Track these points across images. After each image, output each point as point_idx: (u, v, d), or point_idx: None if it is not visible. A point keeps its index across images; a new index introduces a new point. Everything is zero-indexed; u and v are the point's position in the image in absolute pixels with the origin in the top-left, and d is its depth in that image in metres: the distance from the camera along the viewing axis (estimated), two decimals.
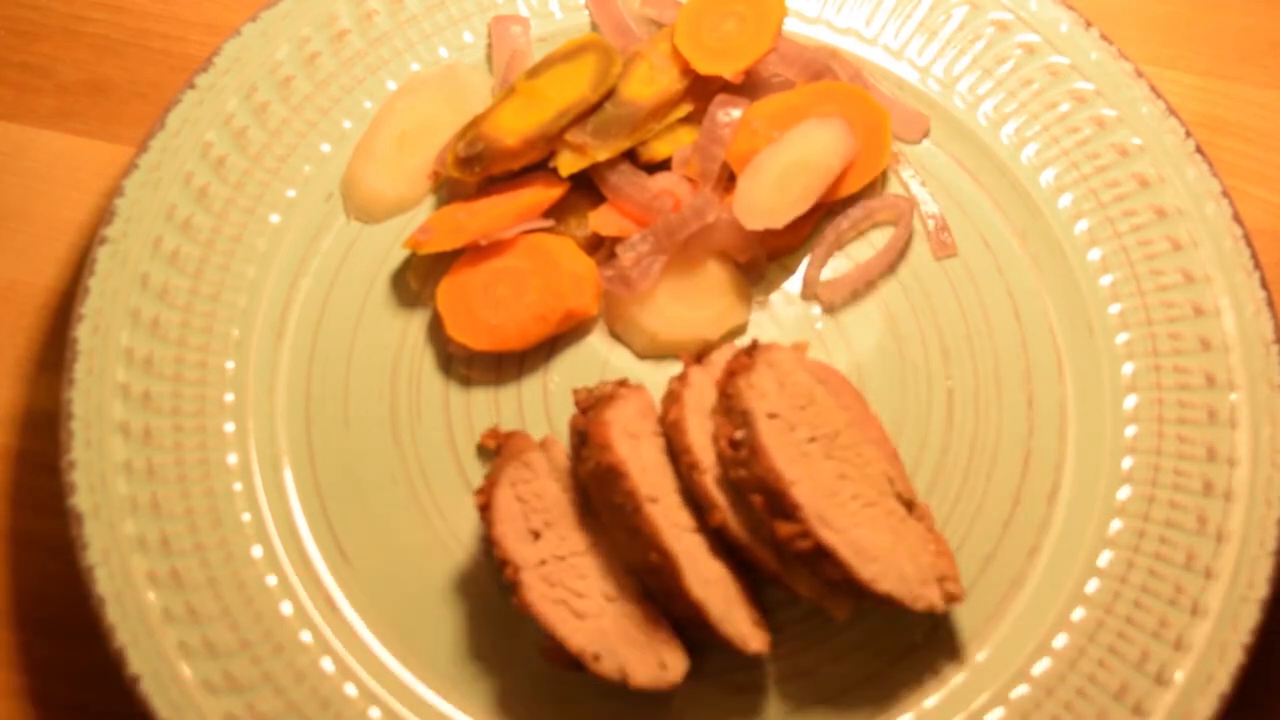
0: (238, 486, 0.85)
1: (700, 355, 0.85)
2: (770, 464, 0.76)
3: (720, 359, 0.84)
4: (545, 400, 0.90)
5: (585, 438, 0.78)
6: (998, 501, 0.87)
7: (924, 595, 0.78)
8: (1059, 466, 0.88)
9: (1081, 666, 0.82)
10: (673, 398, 0.81)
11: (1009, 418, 0.90)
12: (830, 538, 0.76)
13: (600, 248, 0.93)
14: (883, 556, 0.77)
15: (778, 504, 0.76)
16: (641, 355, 0.91)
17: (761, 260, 0.94)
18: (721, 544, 0.80)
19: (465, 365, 0.90)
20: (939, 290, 0.94)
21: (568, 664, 0.76)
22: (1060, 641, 0.83)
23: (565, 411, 0.89)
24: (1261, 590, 0.82)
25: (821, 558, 0.77)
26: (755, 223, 0.90)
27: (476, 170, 0.92)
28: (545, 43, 0.99)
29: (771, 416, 0.79)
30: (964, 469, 0.88)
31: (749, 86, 0.97)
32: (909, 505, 0.82)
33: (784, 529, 0.76)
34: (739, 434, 0.78)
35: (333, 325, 0.91)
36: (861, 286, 0.94)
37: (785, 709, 0.82)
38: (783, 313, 0.93)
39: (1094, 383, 0.90)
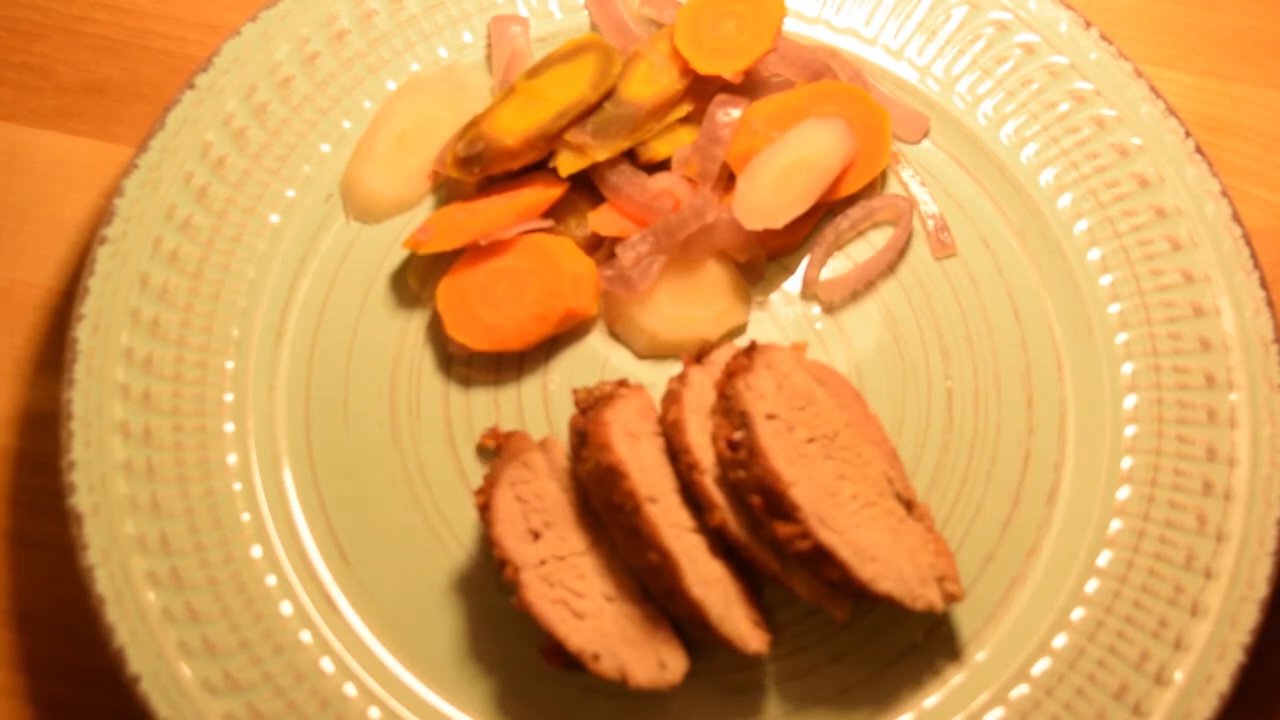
0: (237, 486, 0.85)
1: (700, 355, 0.85)
2: (769, 465, 0.76)
3: (720, 359, 0.84)
4: (545, 400, 0.90)
5: (585, 438, 0.78)
6: (997, 501, 0.87)
7: (923, 595, 0.78)
8: (1059, 466, 0.88)
9: (1081, 666, 0.82)
10: (672, 398, 0.81)
11: (1009, 418, 0.90)
12: (829, 538, 0.76)
13: (600, 248, 0.93)
14: (882, 556, 0.77)
15: (776, 505, 0.76)
16: (641, 355, 0.91)
17: (761, 260, 0.94)
18: (721, 544, 0.80)
19: (465, 365, 0.90)
20: (938, 290, 0.94)
21: (567, 664, 0.76)
22: (1060, 641, 0.83)
23: (565, 412, 0.89)
24: (1261, 590, 0.82)
25: (821, 558, 0.77)
26: (755, 223, 0.90)
27: (476, 170, 0.92)
28: (545, 43, 0.99)
29: (770, 418, 0.79)
30: (964, 469, 0.88)
31: (748, 86, 0.97)
32: (908, 505, 0.82)
33: (783, 530, 0.76)
34: (738, 435, 0.78)
35: (332, 325, 0.91)
36: (861, 286, 0.94)
37: (785, 709, 0.82)
38: (782, 313, 0.93)
39: (1094, 383, 0.90)
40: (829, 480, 0.79)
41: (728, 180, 0.94)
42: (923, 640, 0.83)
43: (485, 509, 0.79)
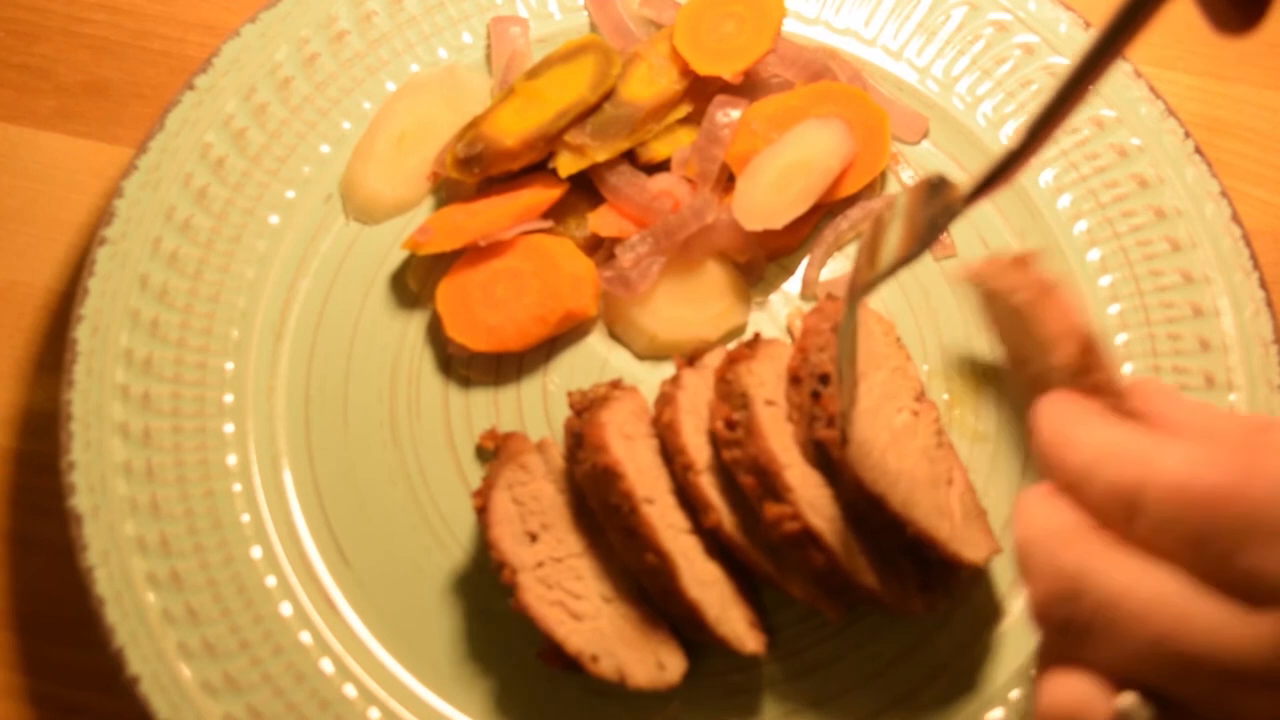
0: (237, 488, 0.85)
1: (693, 357, 0.85)
2: (765, 445, 0.76)
3: (712, 361, 0.84)
4: (544, 401, 0.90)
5: (581, 439, 0.78)
6: (997, 503, 0.87)
7: (908, 601, 0.78)
8: None
9: None
10: (666, 399, 0.81)
11: (1008, 418, 0.90)
12: (819, 524, 0.76)
13: (599, 249, 0.93)
14: (865, 554, 0.77)
15: (770, 484, 0.76)
16: (641, 356, 0.91)
17: (760, 261, 0.94)
18: (717, 545, 0.80)
19: (464, 366, 0.91)
20: (939, 290, 0.94)
21: (566, 665, 0.76)
22: None
23: (564, 413, 0.88)
24: None
25: (808, 542, 0.76)
26: (754, 224, 0.90)
27: (476, 171, 0.92)
28: (544, 44, 0.99)
29: (769, 403, 0.79)
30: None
31: (748, 87, 0.97)
32: None
33: (773, 510, 0.75)
34: (738, 415, 0.78)
35: (332, 326, 0.91)
36: None
37: (784, 709, 0.82)
38: (782, 313, 0.93)
39: None
40: (817, 475, 0.78)
41: (727, 181, 0.94)
42: (921, 641, 0.83)
43: (483, 511, 0.79)
